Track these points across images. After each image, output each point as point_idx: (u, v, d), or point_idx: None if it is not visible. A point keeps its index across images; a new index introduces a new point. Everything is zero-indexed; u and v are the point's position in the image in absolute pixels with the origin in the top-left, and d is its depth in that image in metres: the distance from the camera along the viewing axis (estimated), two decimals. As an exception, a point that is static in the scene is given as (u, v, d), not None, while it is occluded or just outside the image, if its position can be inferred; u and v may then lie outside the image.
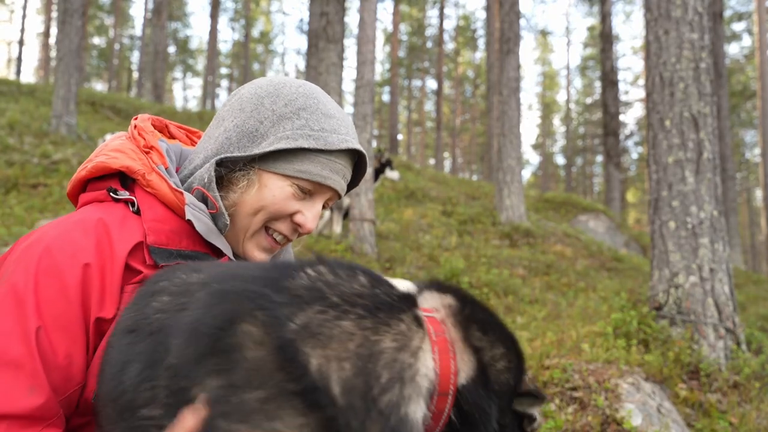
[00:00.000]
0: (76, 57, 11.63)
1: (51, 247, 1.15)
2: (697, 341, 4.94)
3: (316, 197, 1.38)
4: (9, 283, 1.12)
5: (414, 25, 40.36)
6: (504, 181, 11.55)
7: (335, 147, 1.33)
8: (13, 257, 1.17)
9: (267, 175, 1.33)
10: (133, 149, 1.34)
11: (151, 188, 1.29)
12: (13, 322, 1.08)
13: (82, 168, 1.33)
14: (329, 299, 0.90)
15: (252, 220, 1.34)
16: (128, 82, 43.50)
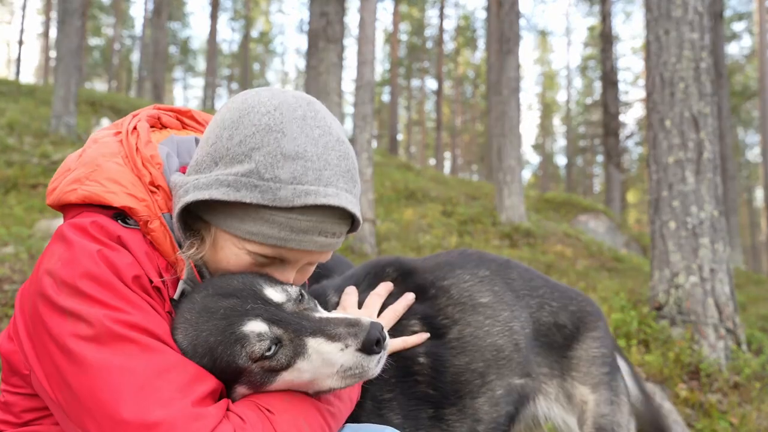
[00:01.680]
0: (76, 57, 11.62)
1: (105, 253, 1.03)
2: (698, 341, 4.93)
3: (287, 263, 1.13)
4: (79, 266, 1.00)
5: (414, 25, 40.35)
6: (504, 182, 11.54)
7: (286, 204, 1.02)
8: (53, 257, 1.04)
9: (220, 233, 1.11)
10: (134, 184, 1.13)
11: (150, 236, 1.12)
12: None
13: (70, 189, 1.14)
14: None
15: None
16: (128, 82, 43.49)
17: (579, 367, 1.69)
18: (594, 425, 1.64)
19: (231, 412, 0.98)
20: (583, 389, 1.67)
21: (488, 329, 1.54)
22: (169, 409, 0.90)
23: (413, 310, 1.49)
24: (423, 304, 1.51)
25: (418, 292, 1.51)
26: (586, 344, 1.72)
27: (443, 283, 1.55)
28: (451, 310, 1.52)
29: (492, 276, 1.63)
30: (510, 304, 1.60)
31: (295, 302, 1.07)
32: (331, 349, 0.97)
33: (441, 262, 1.63)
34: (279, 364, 1.00)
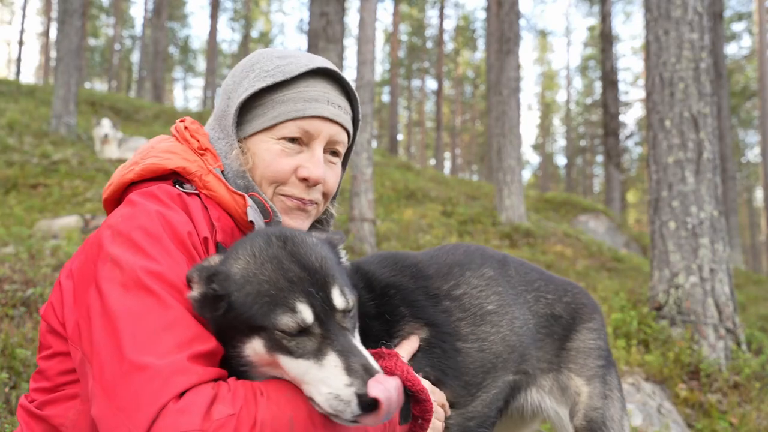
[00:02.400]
0: (76, 57, 11.62)
1: (161, 211, 1.14)
2: (698, 341, 4.94)
3: (313, 142, 1.32)
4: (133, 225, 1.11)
5: (414, 25, 40.34)
6: (504, 182, 11.54)
7: (295, 73, 1.28)
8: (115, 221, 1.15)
9: (252, 140, 1.32)
10: (185, 150, 1.32)
11: (207, 190, 1.27)
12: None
13: (127, 170, 1.29)
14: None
15: (263, 191, 1.33)
16: (128, 82, 43.50)
17: (576, 359, 1.71)
18: (585, 418, 1.65)
19: (223, 381, 1.03)
20: (578, 381, 1.69)
21: (493, 338, 1.55)
22: (163, 359, 0.97)
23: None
24: (437, 323, 1.48)
25: (433, 299, 1.50)
26: (582, 335, 1.74)
27: (456, 293, 1.54)
28: (464, 327, 1.51)
29: (495, 276, 1.64)
30: (511, 305, 1.62)
31: (345, 314, 1.12)
32: (339, 376, 1.01)
33: (450, 263, 1.61)
34: (292, 348, 1.05)
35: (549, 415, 1.68)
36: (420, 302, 1.44)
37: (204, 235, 1.19)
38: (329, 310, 1.08)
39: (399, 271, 1.50)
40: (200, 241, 1.19)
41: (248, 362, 1.12)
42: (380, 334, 1.32)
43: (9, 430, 2.49)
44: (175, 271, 1.08)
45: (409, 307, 1.41)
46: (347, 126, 1.38)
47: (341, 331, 1.08)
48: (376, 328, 1.32)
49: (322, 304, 1.07)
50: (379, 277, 1.46)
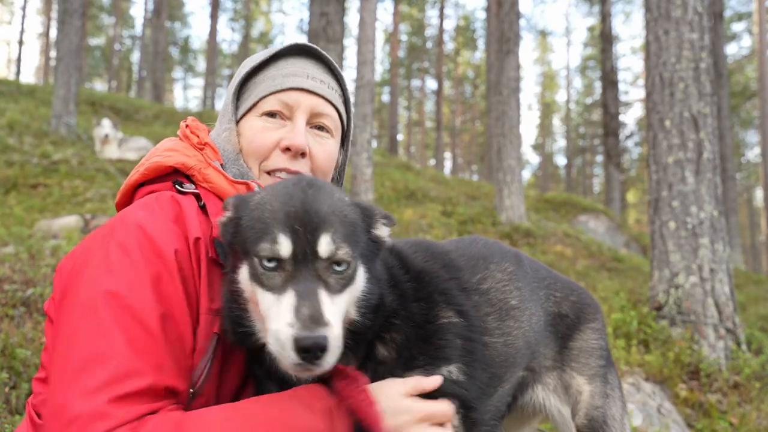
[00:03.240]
0: (76, 57, 11.62)
1: (142, 223, 1.15)
2: (698, 341, 4.94)
3: (294, 115, 1.35)
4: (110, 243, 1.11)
5: (414, 25, 40.33)
6: (504, 182, 11.54)
7: (272, 53, 1.36)
8: (99, 234, 1.16)
9: (240, 124, 1.38)
10: (186, 147, 1.35)
11: (208, 183, 1.29)
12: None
13: (134, 173, 1.33)
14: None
15: (252, 170, 1.36)
16: (128, 82, 43.49)
17: (578, 358, 1.72)
18: (586, 416, 1.66)
19: (146, 419, 1.01)
20: (580, 379, 1.70)
21: (516, 333, 1.55)
22: (84, 401, 0.97)
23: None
24: (469, 315, 1.44)
25: (464, 292, 1.48)
26: (585, 335, 1.75)
27: (483, 286, 1.54)
28: (491, 322, 1.50)
29: (515, 271, 1.64)
30: (528, 301, 1.62)
31: (329, 266, 1.09)
32: (287, 314, 1.00)
33: (475, 255, 1.60)
34: (264, 280, 1.07)
35: (552, 414, 1.68)
36: (453, 292, 1.42)
37: (196, 236, 1.19)
38: (310, 254, 1.07)
39: (432, 258, 1.47)
40: (191, 245, 1.18)
41: (244, 300, 1.13)
42: (418, 318, 1.29)
43: (9, 430, 2.49)
44: (136, 294, 1.07)
45: (443, 295, 1.38)
46: (332, 99, 1.40)
47: (313, 279, 1.05)
48: (415, 309, 1.29)
49: (304, 245, 1.07)
50: (413, 262, 1.42)
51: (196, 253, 1.19)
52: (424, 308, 1.31)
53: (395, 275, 1.29)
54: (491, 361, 1.47)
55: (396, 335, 1.25)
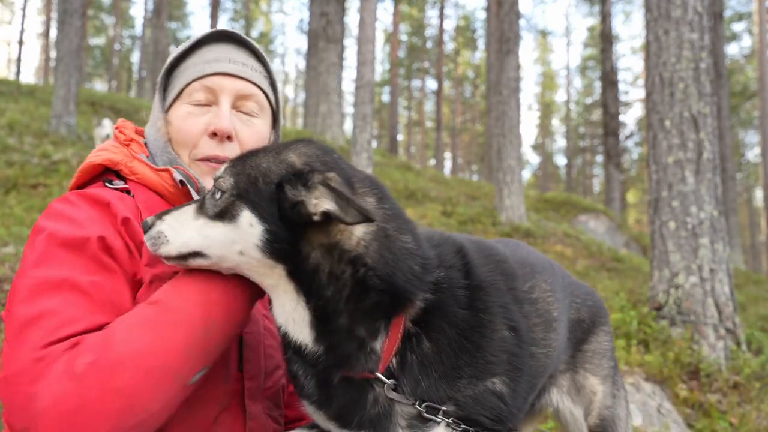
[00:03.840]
0: (76, 57, 11.62)
1: (65, 213, 1.19)
2: (697, 341, 4.94)
3: (218, 100, 1.37)
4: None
5: (414, 25, 40.34)
6: (504, 181, 11.55)
7: (194, 41, 1.38)
8: (33, 231, 1.20)
9: (169, 112, 1.40)
10: (114, 145, 1.40)
11: (134, 175, 1.32)
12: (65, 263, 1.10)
13: (73, 178, 1.40)
14: None
15: (181, 158, 1.38)
16: (128, 82, 43.50)
17: (592, 360, 1.73)
18: (599, 416, 1.68)
19: (78, 339, 1.03)
20: (593, 380, 1.71)
21: (555, 344, 1.53)
22: (26, 355, 0.99)
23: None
24: (520, 329, 1.38)
25: (518, 303, 1.43)
26: (599, 337, 1.77)
27: (532, 296, 1.49)
28: (538, 332, 1.47)
29: (554, 281, 1.60)
30: (563, 311, 1.60)
31: (212, 189, 1.16)
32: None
33: (523, 262, 1.55)
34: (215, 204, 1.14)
35: (564, 415, 1.70)
36: (511, 306, 1.36)
37: (124, 215, 1.22)
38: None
39: (495, 267, 1.41)
40: (119, 225, 1.21)
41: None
42: (467, 325, 1.24)
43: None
44: (66, 270, 1.11)
45: (502, 309, 1.32)
46: (256, 81, 1.41)
47: (197, 201, 1.17)
48: (466, 317, 1.23)
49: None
50: (478, 271, 1.34)
51: (128, 230, 1.21)
52: (480, 318, 1.26)
53: (452, 278, 1.23)
54: (535, 372, 1.44)
55: (440, 336, 1.20)
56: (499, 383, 1.26)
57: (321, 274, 1.09)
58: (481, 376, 1.23)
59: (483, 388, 1.22)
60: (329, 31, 8.51)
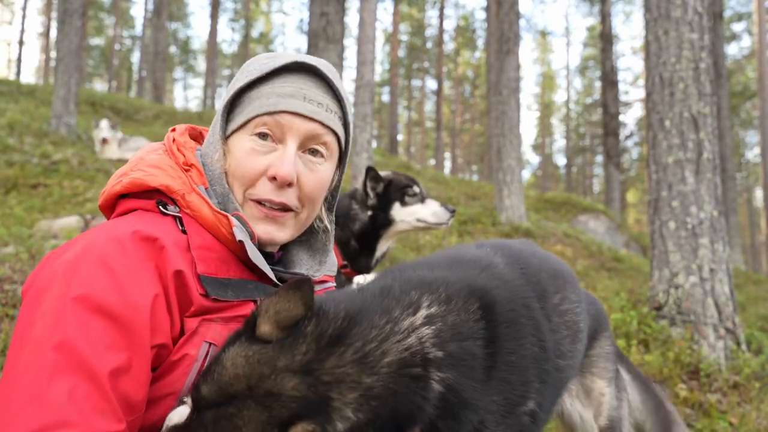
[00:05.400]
0: (76, 57, 11.62)
1: (109, 263, 1.05)
2: (697, 341, 4.94)
3: (285, 140, 1.25)
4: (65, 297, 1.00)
5: (414, 25, 40.34)
6: (504, 182, 11.55)
7: (271, 68, 1.25)
8: (60, 268, 1.05)
9: (231, 140, 1.28)
10: (171, 166, 1.26)
11: (190, 210, 1.21)
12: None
13: (116, 182, 1.26)
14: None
15: (235, 195, 1.27)
16: (128, 82, 43.50)
17: (598, 364, 1.78)
18: (608, 418, 1.74)
19: None
20: (601, 383, 1.76)
21: (579, 355, 1.53)
22: None
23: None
24: (546, 346, 1.33)
25: (547, 318, 1.38)
26: (603, 342, 1.81)
27: (562, 308, 1.45)
28: (566, 345, 1.43)
29: (579, 292, 1.58)
30: (585, 322, 1.59)
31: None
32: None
33: (553, 273, 1.50)
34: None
35: (573, 419, 1.72)
36: (540, 323, 1.30)
37: (177, 268, 1.10)
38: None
39: (527, 282, 1.34)
40: (170, 280, 1.10)
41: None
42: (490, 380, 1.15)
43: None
44: (90, 347, 0.98)
45: (531, 334, 1.25)
46: (330, 124, 1.30)
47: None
48: (480, 381, 1.13)
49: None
50: (513, 292, 1.27)
51: (177, 285, 1.10)
52: (508, 359, 1.18)
53: (466, 354, 1.12)
54: (561, 384, 1.44)
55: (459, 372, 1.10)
56: (531, 403, 1.22)
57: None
58: (519, 402, 1.19)
59: (518, 413, 1.18)
60: (329, 31, 8.50)
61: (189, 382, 1.09)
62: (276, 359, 0.97)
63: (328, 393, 0.95)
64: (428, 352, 1.05)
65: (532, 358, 1.23)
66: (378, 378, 0.98)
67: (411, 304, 1.11)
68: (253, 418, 0.92)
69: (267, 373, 0.95)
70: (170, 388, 1.09)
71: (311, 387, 0.95)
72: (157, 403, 1.09)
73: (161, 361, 1.09)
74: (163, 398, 1.09)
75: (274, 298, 1.02)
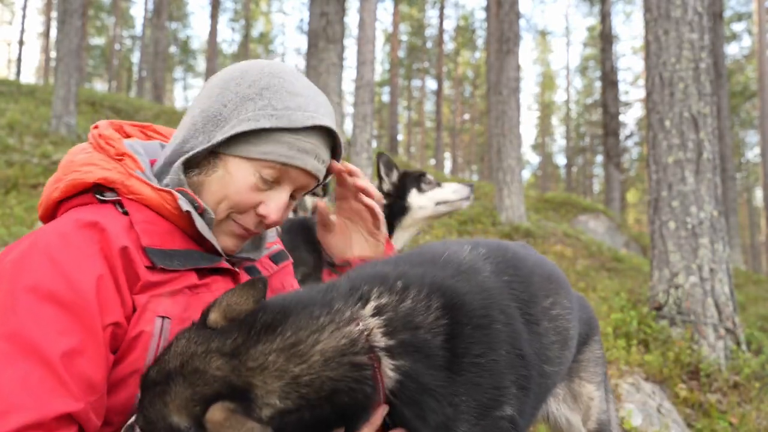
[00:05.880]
0: (76, 57, 11.62)
1: (52, 253, 1.09)
2: (697, 341, 4.94)
3: (283, 185, 1.30)
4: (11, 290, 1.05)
5: (414, 25, 40.34)
6: (504, 181, 11.55)
7: (300, 124, 1.26)
8: (7, 266, 1.09)
9: (231, 160, 1.28)
10: (104, 159, 1.28)
11: (133, 194, 1.23)
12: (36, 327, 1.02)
13: (53, 189, 1.26)
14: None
15: (216, 209, 1.29)
16: (128, 82, 43.51)
17: (587, 368, 1.76)
18: (597, 422, 1.73)
19: None
20: (589, 387, 1.75)
21: (567, 361, 1.52)
22: None
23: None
24: (526, 355, 1.29)
25: (533, 323, 1.35)
26: (593, 346, 1.80)
27: (553, 312, 1.43)
28: (555, 350, 1.41)
29: (571, 298, 1.56)
30: (576, 328, 1.58)
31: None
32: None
33: (546, 275, 1.48)
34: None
35: (560, 423, 1.73)
36: (519, 332, 1.26)
37: (122, 245, 1.14)
38: None
39: (514, 288, 1.31)
40: (116, 257, 1.13)
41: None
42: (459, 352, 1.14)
43: None
44: (40, 331, 1.02)
45: (506, 342, 1.22)
46: (321, 177, 1.37)
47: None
48: (439, 375, 1.12)
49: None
50: (490, 299, 1.23)
51: (124, 261, 1.13)
52: (476, 361, 1.16)
53: (421, 341, 1.11)
54: (545, 391, 1.43)
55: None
56: (509, 409, 1.21)
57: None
58: (487, 413, 1.18)
59: (493, 417, 1.17)
60: (329, 31, 8.50)
61: (150, 359, 1.12)
62: (210, 341, 1.02)
63: (251, 379, 0.98)
64: (375, 341, 1.07)
65: (508, 364, 1.21)
66: (308, 367, 1.01)
67: (359, 297, 1.12)
68: (179, 394, 0.98)
69: (199, 352, 1.01)
70: (132, 366, 1.12)
71: (235, 370, 0.99)
72: (122, 384, 1.12)
73: (120, 341, 1.12)
74: (128, 378, 1.12)
75: (229, 293, 1.08)
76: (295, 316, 1.06)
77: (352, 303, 1.11)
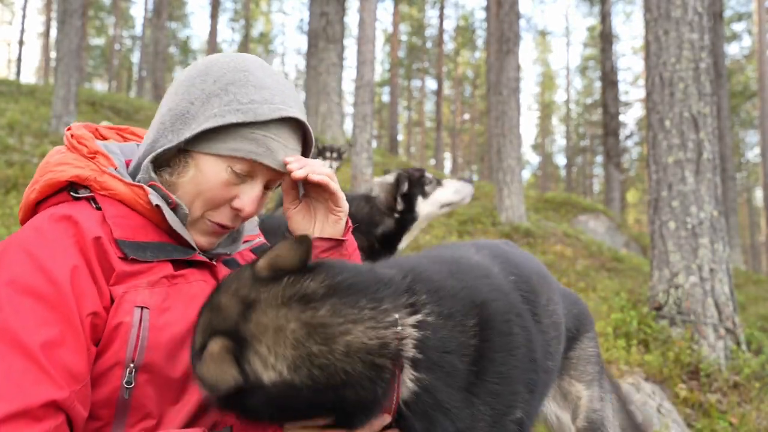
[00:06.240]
0: (76, 57, 11.63)
1: (28, 248, 1.12)
2: (697, 341, 4.94)
3: (257, 178, 1.31)
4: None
5: (414, 25, 40.33)
6: (504, 181, 11.55)
7: (267, 117, 1.26)
8: None
9: (202, 157, 1.28)
10: (76, 158, 1.30)
11: (106, 190, 1.25)
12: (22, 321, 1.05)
13: (30, 191, 1.30)
14: None
15: (191, 206, 1.30)
16: (128, 82, 43.51)
17: (577, 366, 1.76)
18: (586, 419, 1.72)
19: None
20: (578, 386, 1.75)
21: (559, 357, 1.54)
22: None
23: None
24: (534, 349, 1.31)
25: (538, 322, 1.37)
26: (583, 344, 1.79)
27: (550, 308, 1.46)
28: (554, 346, 1.44)
29: (558, 290, 1.59)
30: (564, 324, 1.60)
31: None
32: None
33: (541, 273, 1.52)
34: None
35: (550, 420, 1.75)
36: (532, 333, 1.28)
37: (95, 235, 1.17)
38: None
39: (520, 288, 1.34)
40: (90, 246, 1.16)
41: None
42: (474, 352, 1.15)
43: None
44: (19, 322, 1.05)
45: (522, 345, 1.25)
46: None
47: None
48: (464, 373, 1.13)
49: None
50: (509, 303, 1.27)
51: (98, 251, 1.16)
52: (499, 358, 1.18)
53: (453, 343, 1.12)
54: (547, 386, 1.45)
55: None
56: (519, 412, 1.22)
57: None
58: (506, 412, 1.19)
59: (504, 422, 1.18)
60: (329, 31, 8.50)
61: (131, 349, 1.14)
62: (243, 286, 1.05)
63: (258, 334, 0.98)
64: (404, 350, 1.05)
65: (523, 368, 1.23)
66: (328, 350, 0.98)
67: (411, 305, 1.10)
68: (202, 321, 1.05)
69: (230, 290, 1.05)
70: (115, 358, 1.13)
71: (243, 317, 1.00)
72: (106, 376, 1.13)
73: (100, 332, 1.14)
74: (111, 369, 1.13)
75: (282, 243, 1.09)
76: (339, 299, 1.03)
77: (401, 307, 1.08)
